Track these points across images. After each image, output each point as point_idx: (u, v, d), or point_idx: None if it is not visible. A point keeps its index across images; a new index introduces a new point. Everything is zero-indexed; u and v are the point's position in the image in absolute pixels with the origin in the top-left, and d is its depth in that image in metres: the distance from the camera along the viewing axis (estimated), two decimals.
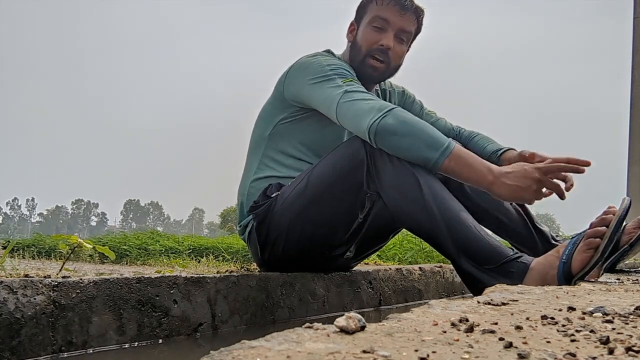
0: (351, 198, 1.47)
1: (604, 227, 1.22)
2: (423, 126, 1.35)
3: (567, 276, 1.22)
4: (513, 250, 1.34)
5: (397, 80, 1.82)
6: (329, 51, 1.71)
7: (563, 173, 1.36)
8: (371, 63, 1.64)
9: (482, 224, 1.45)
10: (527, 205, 1.66)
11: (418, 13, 1.67)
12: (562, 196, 1.32)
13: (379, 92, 1.83)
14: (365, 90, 1.47)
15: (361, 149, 1.41)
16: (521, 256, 1.30)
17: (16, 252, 4.48)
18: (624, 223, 1.35)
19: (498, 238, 1.52)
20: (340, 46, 1.76)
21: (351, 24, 1.72)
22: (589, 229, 1.26)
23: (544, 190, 1.31)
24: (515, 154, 1.64)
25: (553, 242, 1.63)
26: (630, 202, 1.26)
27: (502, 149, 1.70)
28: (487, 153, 1.71)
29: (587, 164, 1.29)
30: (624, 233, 1.34)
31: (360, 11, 1.69)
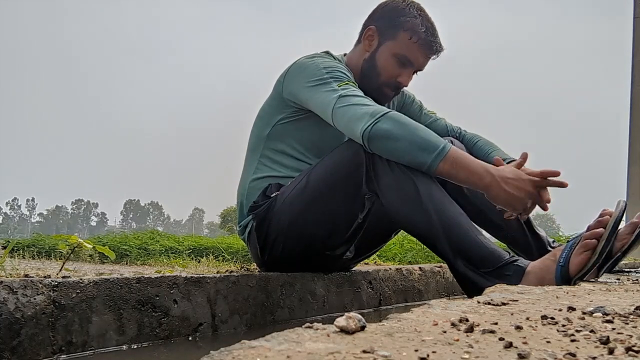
0: (351, 198, 1.47)
1: (601, 229, 1.23)
2: (417, 129, 1.34)
3: (565, 278, 1.23)
4: (510, 253, 1.34)
5: None
6: (327, 52, 1.70)
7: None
8: (385, 92, 1.66)
9: (478, 225, 1.45)
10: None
11: (439, 52, 1.67)
12: (545, 208, 1.37)
13: None
14: (361, 94, 1.45)
15: (361, 149, 1.41)
16: (517, 259, 1.30)
17: (16, 252, 4.48)
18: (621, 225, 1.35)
19: (494, 240, 1.52)
20: (339, 47, 1.75)
21: (370, 29, 1.66)
22: (586, 231, 1.26)
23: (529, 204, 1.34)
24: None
25: (549, 247, 1.61)
26: (626, 204, 1.27)
27: (506, 159, 1.64)
28: (490, 161, 1.62)
29: (564, 184, 1.35)
30: (617, 239, 1.32)
31: (389, 28, 1.62)
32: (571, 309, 0.73)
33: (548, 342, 0.51)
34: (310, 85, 1.52)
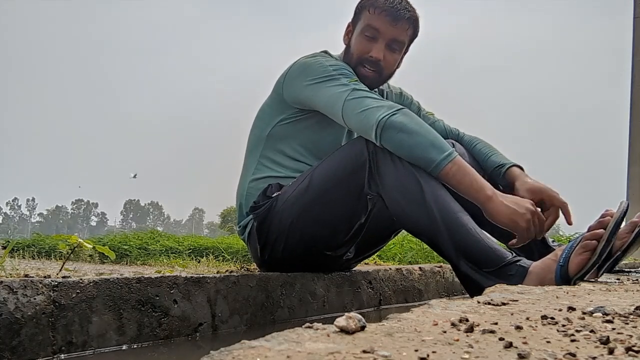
0: (353, 199, 1.47)
1: (601, 230, 1.23)
2: (430, 129, 1.39)
3: (565, 278, 1.23)
4: (512, 253, 1.34)
5: (394, 81, 1.81)
6: (326, 52, 1.70)
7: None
8: (363, 72, 1.62)
9: (477, 224, 1.45)
10: None
11: (412, 21, 1.62)
12: (542, 233, 1.37)
13: (376, 92, 1.82)
14: (371, 91, 1.48)
15: (364, 149, 1.42)
16: (520, 259, 1.30)
17: (16, 252, 4.48)
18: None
19: (494, 241, 1.52)
20: (339, 48, 1.75)
21: (348, 25, 1.70)
22: (586, 232, 1.26)
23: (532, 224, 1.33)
24: (519, 172, 1.58)
25: (549, 247, 1.61)
26: (628, 205, 1.27)
27: (507, 163, 1.62)
28: (491, 165, 1.65)
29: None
30: (617, 238, 1.32)
31: (356, 15, 1.66)
32: (571, 309, 0.73)
33: (548, 342, 0.51)
34: (315, 82, 1.52)
